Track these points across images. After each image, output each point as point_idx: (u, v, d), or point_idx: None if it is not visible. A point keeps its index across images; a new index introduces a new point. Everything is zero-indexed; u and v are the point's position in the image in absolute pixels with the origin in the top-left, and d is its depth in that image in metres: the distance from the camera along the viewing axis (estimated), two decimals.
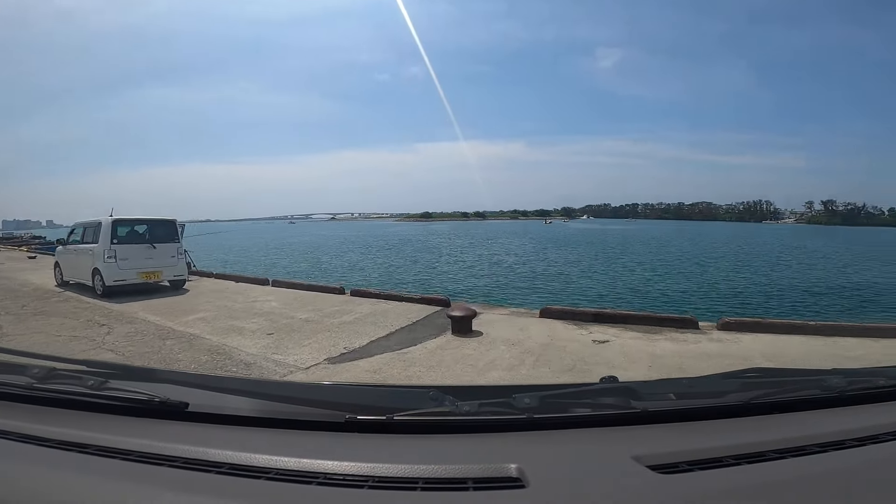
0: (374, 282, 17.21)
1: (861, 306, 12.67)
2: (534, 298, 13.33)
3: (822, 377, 1.14)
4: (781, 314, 11.39)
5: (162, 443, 0.86)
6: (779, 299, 13.88)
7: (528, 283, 17.62)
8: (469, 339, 5.64)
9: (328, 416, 0.95)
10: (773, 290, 15.51)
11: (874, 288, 15.72)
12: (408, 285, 16.28)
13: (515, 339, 5.59)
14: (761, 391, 1.05)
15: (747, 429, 0.95)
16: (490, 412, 0.95)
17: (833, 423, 0.97)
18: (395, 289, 11.65)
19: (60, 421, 0.97)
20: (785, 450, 0.82)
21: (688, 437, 0.91)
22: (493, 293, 14.86)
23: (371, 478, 0.74)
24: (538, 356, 4.89)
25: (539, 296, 14.11)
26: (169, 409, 1.00)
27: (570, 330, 5.96)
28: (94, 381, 1.08)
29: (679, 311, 10.88)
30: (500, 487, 0.72)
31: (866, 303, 13.35)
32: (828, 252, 32.27)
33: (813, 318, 9.35)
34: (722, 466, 0.78)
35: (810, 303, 13.37)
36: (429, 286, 16.43)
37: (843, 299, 13.76)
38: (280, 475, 0.76)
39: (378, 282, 17.32)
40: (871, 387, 1.12)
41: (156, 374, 1.42)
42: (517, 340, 5.52)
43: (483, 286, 16.36)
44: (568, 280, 18.53)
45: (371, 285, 15.57)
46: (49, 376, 1.13)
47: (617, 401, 1.01)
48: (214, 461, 0.80)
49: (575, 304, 11.25)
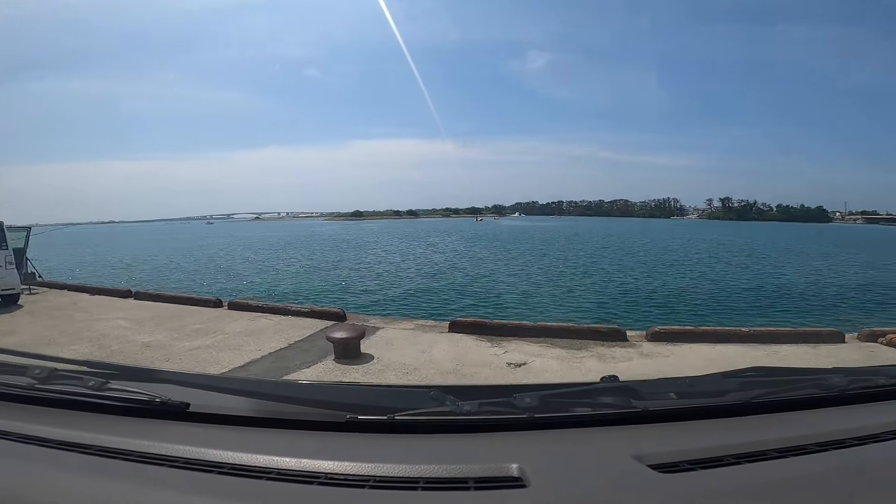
0: (277, 289, 15.11)
1: (777, 304, 12.54)
2: (450, 305, 11.99)
3: (822, 376, 1.14)
4: (700, 313, 10.98)
5: (163, 443, 0.85)
6: (698, 296, 13.31)
7: (444, 285, 15.59)
8: (354, 365, 4.41)
9: (329, 416, 0.95)
10: (691, 287, 15.29)
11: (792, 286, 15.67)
12: (313, 293, 13.94)
13: (413, 363, 4.43)
14: (762, 390, 1.06)
15: (748, 428, 0.95)
16: (491, 412, 0.95)
17: (833, 422, 0.97)
18: (298, 299, 10.13)
19: (61, 422, 0.97)
20: (785, 449, 0.83)
21: (689, 437, 0.91)
22: (406, 299, 13.03)
23: (372, 478, 0.74)
24: None
25: (456, 301, 12.52)
26: (170, 410, 0.99)
27: (483, 349, 4.90)
28: (95, 382, 1.07)
29: (603, 315, 10.23)
30: (501, 487, 0.72)
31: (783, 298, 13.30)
32: (756, 250, 33.55)
33: (742, 321, 8.83)
34: (723, 466, 0.78)
35: (723, 298, 13.24)
36: (339, 292, 14.37)
37: (761, 298, 13.24)
38: (281, 475, 0.75)
39: (280, 289, 14.94)
40: (871, 385, 1.11)
41: (157, 374, 1.27)
42: (414, 366, 4.36)
43: (397, 293, 14.23)
44: (491, 281, 16.57)
45: (273, 292, 13.65)
46: (50, 377, 1.11)
47: (617, 400, 1.00)
48: (216, 461, 0.80)
49: (494, 313, 10.23)
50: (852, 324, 8.51)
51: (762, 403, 1.02)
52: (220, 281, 17.75)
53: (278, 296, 12.88)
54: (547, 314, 10.59)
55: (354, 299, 12.97)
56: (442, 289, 14.68)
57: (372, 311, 9.93)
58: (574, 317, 10.09)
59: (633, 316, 10.41)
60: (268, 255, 29.04)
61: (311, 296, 13.27)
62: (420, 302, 12.64)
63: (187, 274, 20.42)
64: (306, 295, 13.46)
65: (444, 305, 12.08)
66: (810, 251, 31.17)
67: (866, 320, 8.90)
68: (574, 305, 12.19)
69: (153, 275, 19.97)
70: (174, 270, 22.09)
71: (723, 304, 12.36)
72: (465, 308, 11.50)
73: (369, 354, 4.64)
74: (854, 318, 9.80)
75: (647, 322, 8.08)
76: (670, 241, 42.44)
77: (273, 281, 17.26)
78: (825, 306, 11.96)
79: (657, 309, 11.52)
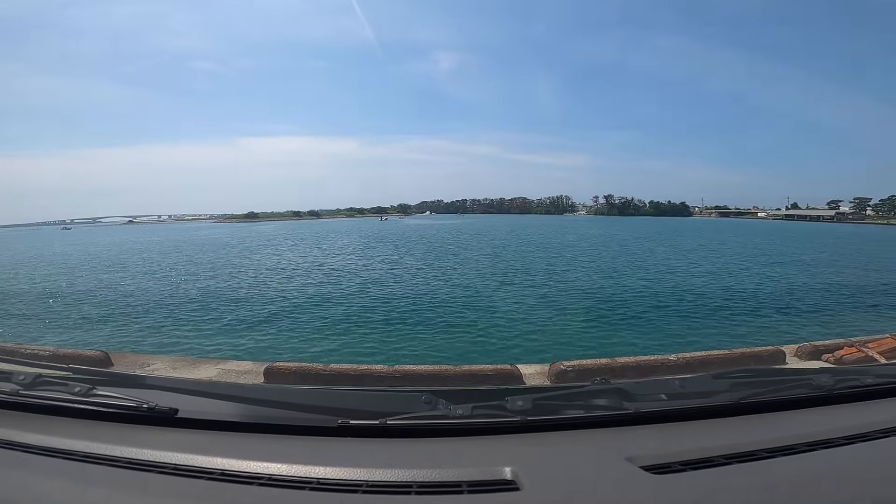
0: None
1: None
2: (283, 336, 8.62)
3: (810, 376, 1.15)
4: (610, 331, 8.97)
5: (151, 450, 0.85)
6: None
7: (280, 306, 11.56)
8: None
9: (320, 421, 0.94)
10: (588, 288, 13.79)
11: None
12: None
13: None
14: (751, 391, 1.07)
15: (738, 428, 0.96)
16: (484, 415, 0.95)
17: (821, 421, 0.99)
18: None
19: (46, 428, 0.96)
20: (774, 449, 0.84)
21: (680, 438, 0.92)
22: (227, 324, 9.40)
23: (365, 482, 0.74)
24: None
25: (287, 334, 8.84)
26: (158, 416, 0.98)
27: None
28: (81, 388, 1.06)
29: (497, 345, 7.71)
30: (494, 490, 0.73)
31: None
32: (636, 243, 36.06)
33: (669, 346, 7.43)
34: (713, 466, 0.79)
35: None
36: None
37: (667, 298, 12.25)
38: (272, 481, 0.75)
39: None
40: (858, 385, 1.13)
41: (144, 380, 1.26)
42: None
43: (220, 314, 10.52)
44: (360, 291, 13.31)
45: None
46: (35, 383, 1.10)
47: (609, 402, 1.01)
48: (205, 468, 0.79)
49: (341, 347, 7.62)
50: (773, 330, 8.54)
51: (751, 404, 1.04)
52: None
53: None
54: (424, 344, 7.82)
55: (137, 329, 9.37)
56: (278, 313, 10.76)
57: (168, 344, 7.35)
58: (459, 347, 7.69)
59: (533, 342, 8.15)
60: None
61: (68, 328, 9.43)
62: (251, 329, 9.25)
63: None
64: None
65: (277, 336, 8.73)
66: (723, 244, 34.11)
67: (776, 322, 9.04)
68: (463, 335, 8.72)
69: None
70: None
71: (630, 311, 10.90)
72: (305, 340, 8.32)
73: None
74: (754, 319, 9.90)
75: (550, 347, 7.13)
76: (564, 235, 44.97)
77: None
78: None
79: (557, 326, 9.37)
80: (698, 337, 8.36)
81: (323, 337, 8.53)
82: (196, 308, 11.33)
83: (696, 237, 44.47)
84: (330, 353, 7.19)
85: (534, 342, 7.99)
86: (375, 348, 7.63)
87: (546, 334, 8.56)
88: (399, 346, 7.69)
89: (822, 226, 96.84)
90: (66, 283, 16.77)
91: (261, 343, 8.06)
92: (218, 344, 7.88)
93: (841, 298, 12.37)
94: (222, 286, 15.20)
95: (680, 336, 8.51)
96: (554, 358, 4.48)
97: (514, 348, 7.59)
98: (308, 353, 7.17)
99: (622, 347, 7.52)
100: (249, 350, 7.31)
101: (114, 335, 8.81)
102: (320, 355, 6.87)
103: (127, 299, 12.78)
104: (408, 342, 7.95)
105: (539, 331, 8.79)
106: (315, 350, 7.41)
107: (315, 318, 10.19)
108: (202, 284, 15.63)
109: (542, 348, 7.54)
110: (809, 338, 5.58)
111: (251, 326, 9.44)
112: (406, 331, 8.81)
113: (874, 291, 13.33)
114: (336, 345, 7.87)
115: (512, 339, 8.15)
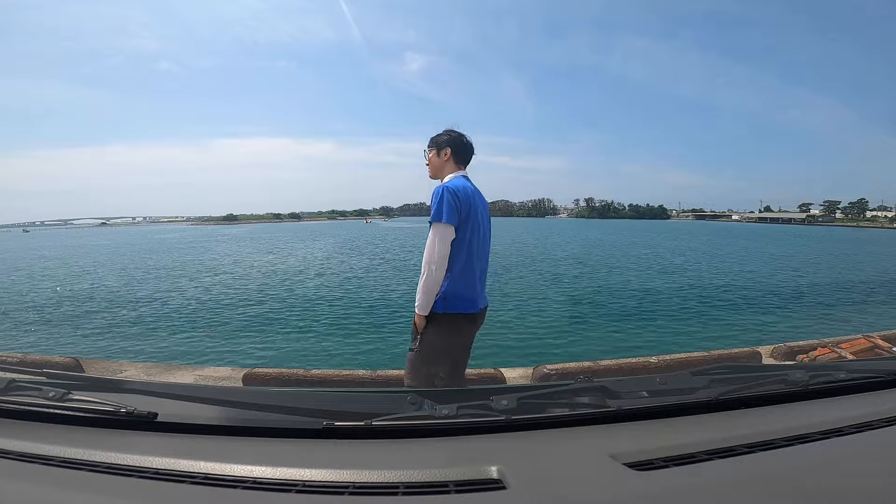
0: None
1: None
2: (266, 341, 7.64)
3: (785, 372, 1.17)
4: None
5: (130, 454, 0.84)
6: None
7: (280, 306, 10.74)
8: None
9: (305, 423, 0.95)
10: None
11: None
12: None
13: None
14: (728, 387, 1.09)
15: (717, 424, 0.98)
16: (469, 415, 0.95)
17: (798, 416, 1.01)
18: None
19: (21, 433, 0.94)
20: (754, 444, 0.85)
21: (662, 434, 0.92)
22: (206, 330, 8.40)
23: (351, 484, 0.74)
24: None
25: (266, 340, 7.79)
26: (137, 420, 0.96)
27: None
28: (56, 393, 1.03)
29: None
30: (481, 489, 0.72)
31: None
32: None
33: (646, 347, 7.26)
34: (695, 462, 0.80)
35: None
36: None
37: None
38: (257, 484, 0.74)
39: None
40: (832, 381, 1.16)
41: (122, 384, 1.18)
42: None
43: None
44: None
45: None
46: (7, 388, 1.07)
47: (593, 399, 1.03)
48: (187, 472, 0.78)
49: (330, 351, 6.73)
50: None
51: (730, 400, 1.05)
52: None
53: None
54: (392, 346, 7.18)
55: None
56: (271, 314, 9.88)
57: (143, 350, 6.78)
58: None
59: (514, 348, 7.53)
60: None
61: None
62: (231, 330, 8.48)
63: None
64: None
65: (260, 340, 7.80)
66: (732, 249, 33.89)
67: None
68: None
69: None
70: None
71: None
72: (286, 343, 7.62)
73: None
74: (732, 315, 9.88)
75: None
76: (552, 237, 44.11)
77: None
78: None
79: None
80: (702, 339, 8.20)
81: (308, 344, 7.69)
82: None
83: (697, 239, 43.45)
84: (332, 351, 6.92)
85: (519, 346, 7.89)
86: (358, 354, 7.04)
87: (532, 339, 8.45)
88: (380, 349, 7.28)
89: (795, 228, 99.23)
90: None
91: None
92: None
93: (818, 299, 12.59)
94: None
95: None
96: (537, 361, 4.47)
97: (497, 354, 7.45)
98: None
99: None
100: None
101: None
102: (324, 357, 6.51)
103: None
104: (391, 349, 7.72)
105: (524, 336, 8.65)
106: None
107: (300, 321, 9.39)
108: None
109: (527, 352, 7.47)
110: (785, 338, 5.71)
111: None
112: (389, 336, 8.64)
113: (850, 290, 13.66)
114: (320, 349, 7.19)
115: (495, 343, 8.06)
